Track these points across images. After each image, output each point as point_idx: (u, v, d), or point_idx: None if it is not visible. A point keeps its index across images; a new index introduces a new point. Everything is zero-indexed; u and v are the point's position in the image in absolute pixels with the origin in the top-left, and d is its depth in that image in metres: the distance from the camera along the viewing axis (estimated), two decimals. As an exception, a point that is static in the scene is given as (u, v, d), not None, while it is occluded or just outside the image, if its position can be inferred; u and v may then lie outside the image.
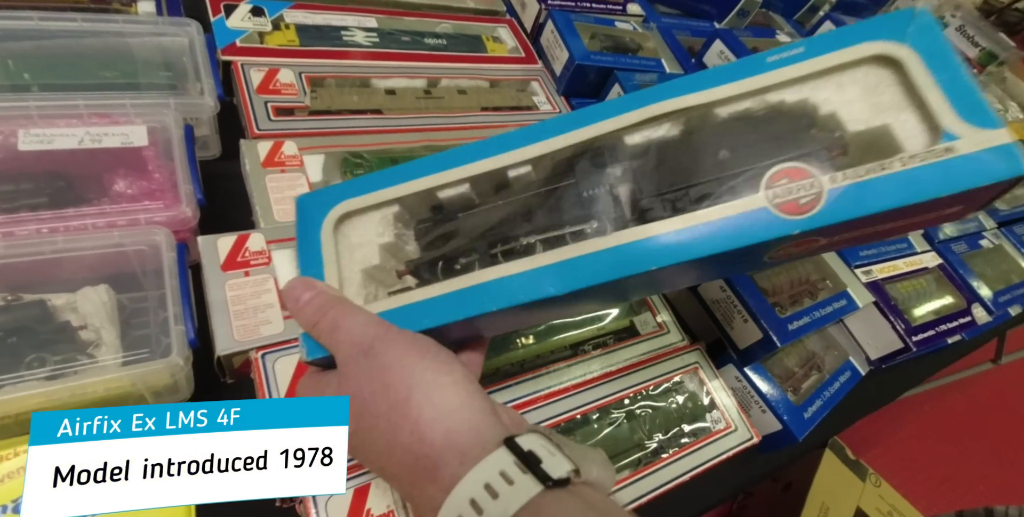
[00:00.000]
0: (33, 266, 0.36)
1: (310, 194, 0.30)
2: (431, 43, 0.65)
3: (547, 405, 0.44)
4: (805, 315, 0.54)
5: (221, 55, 0.52)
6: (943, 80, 0.24)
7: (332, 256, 0.30)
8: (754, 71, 0.26)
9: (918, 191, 0.23)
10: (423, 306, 0.28)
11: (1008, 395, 1.77)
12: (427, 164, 0.30)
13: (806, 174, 0.24)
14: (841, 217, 0.23)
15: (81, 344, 0.36)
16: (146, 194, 0.40)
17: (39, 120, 0.39)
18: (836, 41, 0.26)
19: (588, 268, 0.26)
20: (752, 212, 0.24)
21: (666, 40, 0.79)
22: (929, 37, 0.25)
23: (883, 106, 0.25)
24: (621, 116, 0.27)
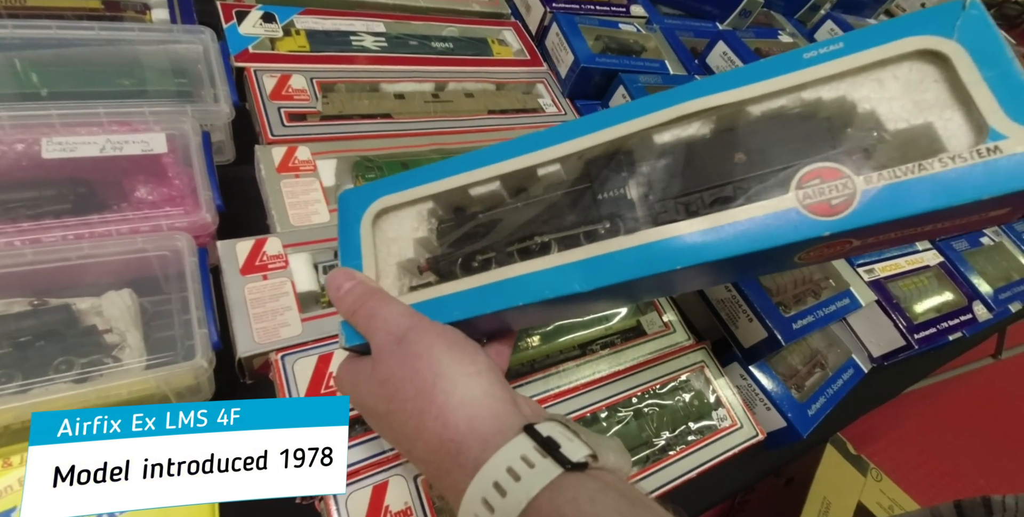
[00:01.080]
0: (58, 271, 0.37)
1: (352, 190, 0.32)
2: (438, 47, 0.66)
3: (557, 404, 0.45)
4: (809, 314, 0.55)
5: (234, 61, 0.53)
6: (991, 77, 0.23)
7: (370, 249, 0.32)
8: (790, 68, 0.26)
9: (959, 193, 0.22)
10: (453, 299, 0.29)
11: (1008, 390, 1.78)
12: (460, 162, 0.31)
13: (840, 174, 0.24)
14: (875, 219, 0.22)
15: (106, 347, 0.37)
16: (167, 200, 0.41)
17: (61, 128, 0.40)
18: (878, 36, 0.25)
19: (614, 266, 0.26)
20: (781, 212, 0.24)
21: (669, 41, 0.80)
22: (979, 31, 0.23)
23: (926, 104, 0.24)
24: (652, 114, 0.27)
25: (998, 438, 1.64)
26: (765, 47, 0.79)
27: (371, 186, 0.33)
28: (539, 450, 0.22)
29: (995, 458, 1.58)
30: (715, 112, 0.27)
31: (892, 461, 1.45)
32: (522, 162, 0.30)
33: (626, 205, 0.28)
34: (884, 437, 1.53)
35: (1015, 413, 1.73)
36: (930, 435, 1.58)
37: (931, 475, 1.50)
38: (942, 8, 0.24)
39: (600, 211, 0.29)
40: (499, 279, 0.28)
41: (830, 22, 0.98)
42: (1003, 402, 1.75)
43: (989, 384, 1.74)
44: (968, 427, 1.64)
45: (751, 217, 0.24)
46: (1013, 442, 1.65)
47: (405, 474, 0.37)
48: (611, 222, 0.28)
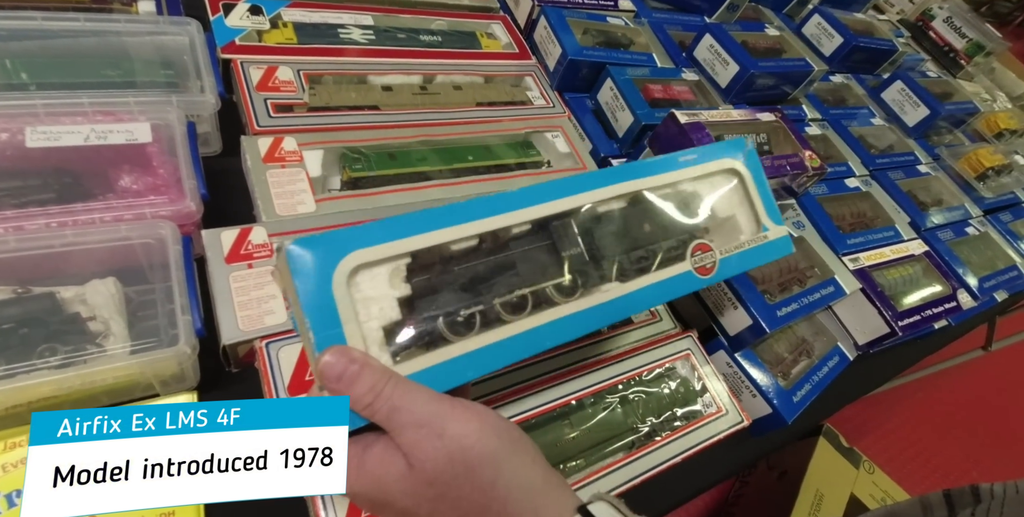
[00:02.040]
0: (42, 259, 0.37)
1: (304, 240, 0.27)
2: (426, 40, 0.66)
3: (543, 391, 0.45)
4: (794, 301, 0.55)
5: (221, 53, 0.53)
6: (761, 191, 0.42)
7: (350, 313, 0.27)
8: (672, 167, 0.39)
9: (755, 260, 0.41)
10: (461, 362, 0.29)
11: (999, 381, 1.79)
12: (433, 217, 0.30)
13: (709, 248, 0.39)
14: (725, 276, 0.40)
15: (90, 335, 0.37)
16: (151, 189, 0.41)
17: (45, 118, 0.40)
18: (712, 153, 0.41)
19: (595, 316, 0.34)
20: (683, 274, 0.38)
21: (657, 35, 0.81)
22: (753, 160, 0.42)
23: (733, 203, 0.42)
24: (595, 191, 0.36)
25: (990, 430, 1.65)
26: (752, 40, 0.79)
27: (327, 237, 0.27)
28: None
29: (987, 450, 1.59)
30: (630, 195, 0.38)
31: (885, 453, 1.46)
32: (497, 222, 0.32)
33: (588, 263, 0.36)
34: (877, 430, 1.54)
35: (1006, 405, 1.74)
36: (922, 427, 1.59)
37: (924, 467, 1.51)
38: (737, 141, 0.43)
39: (565, 266, 0.35)
40: (504, 337, 0.31)
41: (817, 16, 0.98)
42: (994, 394, 1.76)
43: (980, 376, 1.75)
44: (960, 419, 1.65)
45: (671, 276, 0.37)
46: (1004, 434, 1.66)
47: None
48: (575, 276, 0.35)
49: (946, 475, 1.49)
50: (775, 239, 0.42)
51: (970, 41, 1.26)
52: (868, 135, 0.92)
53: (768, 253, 0.42)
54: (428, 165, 0.56)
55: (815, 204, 0.70)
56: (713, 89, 0.76)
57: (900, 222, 0.75)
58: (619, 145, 0.68)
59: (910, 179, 0.86)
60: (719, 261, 0.39)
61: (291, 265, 0.26)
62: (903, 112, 0.97)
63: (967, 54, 1.26)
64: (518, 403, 0.44)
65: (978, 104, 1.02)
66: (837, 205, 0.74)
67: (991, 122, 1.09)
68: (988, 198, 0.90)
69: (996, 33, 1.27)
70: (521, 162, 0.62)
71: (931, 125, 0.95)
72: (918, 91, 0.95)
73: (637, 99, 0.66)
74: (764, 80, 0.75)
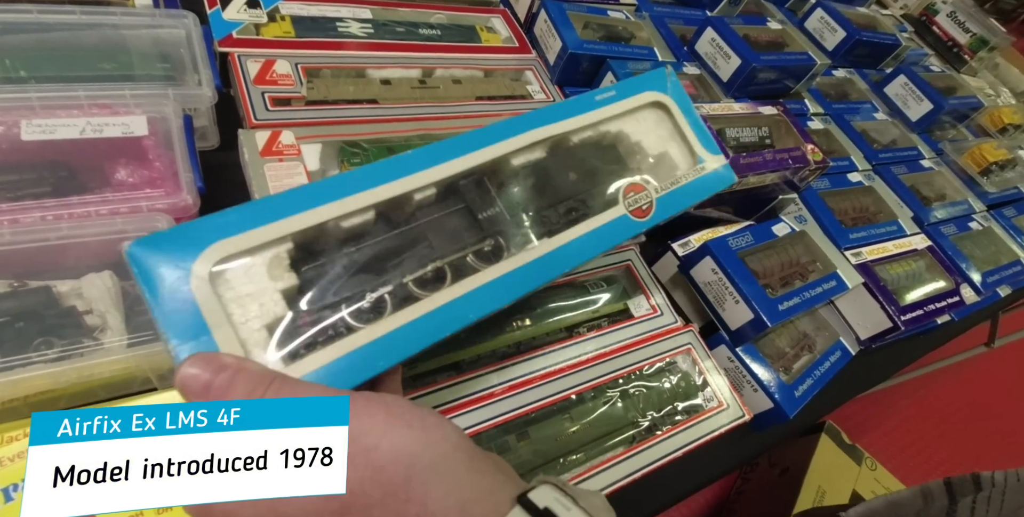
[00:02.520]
0: (38, 253, 0.37)
1: (146, 240, 0.22)
2: (425, 33, 0.66)
3: (542, 385, 0.45)
4: (795, 296, 0.55)
5: (218, 46, 0.52)
6: (691, 121, 0.39)
7: (218, 315, 0.23)
8: (589, 107, 0.36)
9: (696, 195, 0.38)
10: (369, 351, 0.25)
11: (1002, 378, 1.78)
12: (312, 192, 0.26)
13: (643, 188, 0.36)
14: (665, 216, 0.36)
15: (87, 328, 0.37)
16: (147, 182, 0.41)
17: (41, 111, 0.40)
18: (632, 88, 0.38)
19: (522, 278, 0.30)
20: (619, 218, 0.34)
21: (658, 29, 0.80)
22: (677, 89, 0.39)
23: (664, 138, 0.39)
24: (507, 141, 0.32)
25: (992, 427, 1.65)
26: (754, 34, 0.79)
27: (177, 231, 0.23)
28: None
29: (989, 447, 1.59)
30: (550, 140, 0.34)
31: (887, 450, 1.45)
32: (394, 189, 0.28)
33: (510, 222, 0.32)
34: (879, 426, 1.53)
35: (1009, 402, 1.74)
36: (925, 424, 1.58)
37: (926, 464, 1.50)
38: (658, 72, 0.39)
39: (485, 230, 0.31)
40: (417, 315, 0.27)
41: (820, 10, 0.97)
42: (997, 391, 1.75)
43: (983, 373, 1.74)
44: (962, 416, 1.64)
45: (604, 223, 0.34)
46: (1007, 431, 1.65)
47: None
48: (497, 239, 0.32)
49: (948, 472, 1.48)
50: (714, 170, 0.38)
51: (974, 36, 1.25)
52: (871, 130, 0.92)
53: (708, 186, 0.38)
54: (427, 159, 0.56)
55: (817, 198, 0.69)
56: (715, 83, 0.76)
57: (903, 217, 0.75)
58: (620, 139, 0.68)
59: (913, 174, 0.85)
60: (655, 200, 0.36)
61: (135, 268, 0.22)
62: (906, 107, 0.96)
63: (971, 49, 1.25)
64: (518, 397, 0.43)
65: (982, 99, 1.01)
66: (839, 199, 0.73)
67: (995, 117, 1.09)
68: (992, 193, 0.90)
69: (1000, 28, 1.26)
70: (521, 156, 0.62)
71: (934, 120, 0.95)
72: (921, 86, 0.94)
73: (638, 93, 0.66)
74: (766, 74, 0.75)
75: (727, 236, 0.57)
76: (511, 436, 0.42)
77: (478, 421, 0.41)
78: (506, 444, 0.42)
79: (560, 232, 0.32)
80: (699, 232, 0.61)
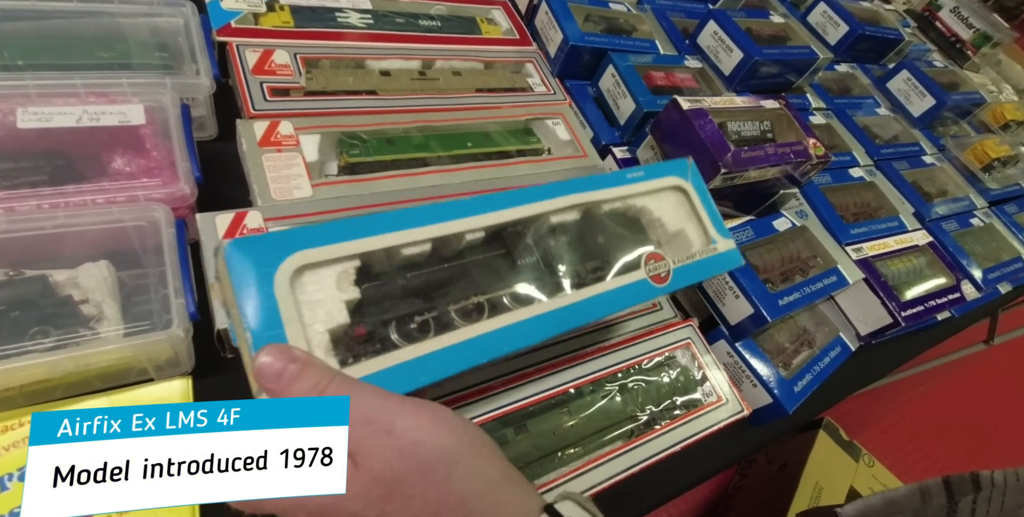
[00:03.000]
0: (34, 241, 0.36)
1: (242, 240, 0.26)
2: (425, 25, 0.65)
3: (541, 379, 0.45)
4: (796, 291, 0.55)
5: (216, 36, 0.52)
6: (707, 206, 0.43)
7: (292, 314, 0.26)
8: (620, 182, 0.40)
9: (708, 271, 0.41)
10: (414, 366, 0.28)
11: (1001, 376, 1.79)
12: (384, 221, 0.30)
13: (662, 258, 0.40)
14: (679, 286, 0.40)
15: (83, 318, 0.37)
16: (144, 172, 0.41)
17: (37, 99, 0.40)
18: (658, 171, 0.42)
19: (550, 322, 0.33)
20: (639, 282, 0.38)
21: (660, 21, 0.79)
22: (696, 177, 0.44)
23: (682, 218, 0.43)
24: (549, 201, 0.37)
25: (991, 425, 1.65)
26: (756, 27, 0.78)
27: (269, 238, 0.27)
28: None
29: (988, 445, 1.59)
30: (584, 206, 0.39)
31: (885, 447, 1.45)
32: (450, 228, 0.32)
33: (544, 271, 0.36)
34: (877, 423, 1.53)
35: (1007, 399, 1.74)
36: (923, 421, 1.59)
37: (923, 461, 1.50)
38: (680, 161, 0.44)
39: (521, 275, 0.36)
40: (456, 341, 0.30)
41: (823, 4, 0.97)
42: (995, 388, 1.75)
43: (982, 370, 1.74)
44: (961, 413, 1.64)
45: (625, 283, 0.37)
46: (1005, 428, 1.66)
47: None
48: (535, 284, 0.35)
49: (945, 469, 1.49)
50: (724, 251, 0.42)
51: (977, 31, 1.24)
52: (873, 125, 0.91)
53: (719, 264, 0.42)
54: (427, 151, 0.56)
55: (818, 193, 0.69)
56: (716, 77, 0.75)
57: (904, 213, 0.74)
58: (620, 133, 0.67)
59: (915, 170, 0.85)
60: (673, 270, 0.39)
61: (229, 263, 0.25)
62: (909, 102, 0.96)
63: (974, 45, 1.25)
64: (516, 391, 0.43)
65: (984, 95, 1.01)
66: (841, 195, 0.73)
67: (997, 113, 1.08)
68: (993, 190, 0.89)
69: (1004, 23, 1.25)
70: (521, 149, 0.62)
71: (937, 115, 0.94)
72: (924, 81, 0.94)
73: (639, 86, 0.65)
74: (768, 68, 0.74)
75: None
76: (509, 429, 0.42)
77: (476, 414, 0.41)
78: (504, 437, 0.42)
79: (587, 285, 0.36)
80: (699, 226, 0.61)
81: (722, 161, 0.53)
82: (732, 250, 0.43)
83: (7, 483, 0.32)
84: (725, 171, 0.53)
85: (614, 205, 0.41)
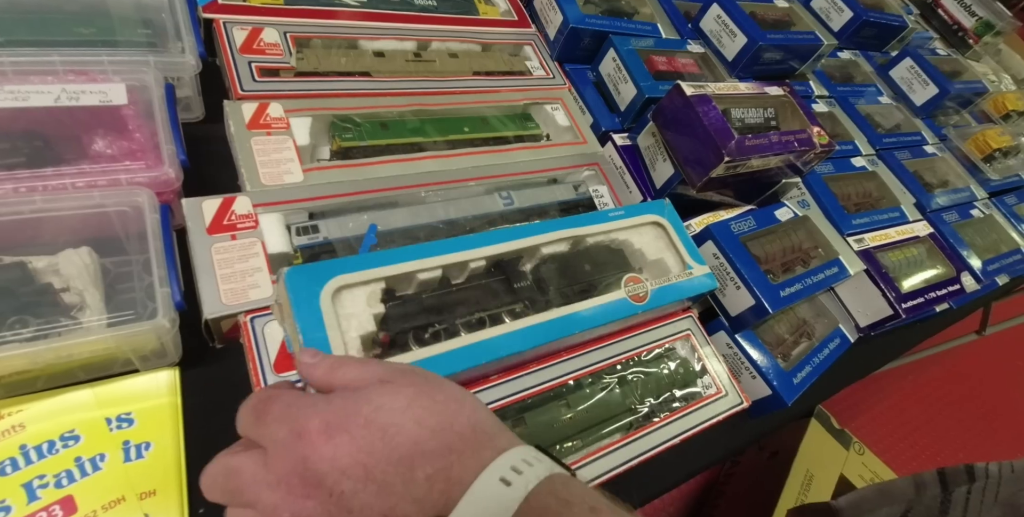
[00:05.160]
0: (11, 227, 0.35)
1: (296, 268, 0.34)
2: (421, 4, 0.63)
3: (540, 370, 0.44)
4: (797, 282, 0.54)
5: (202, 13, 0.50)
6: (683, 239, 0.51)
7: (333, 323, 0.34)
8: (604, 220, 0.48)
9: (684, 292, 0.48)
10: (426, 363, 0.35)
11: (992, 366, 1.80)
12: (404, 252, 0.38)
13: (641, 280, 0.47)
14: (658, 304, 0.46)
15: (64, 307, 0.35)
16: (127, 154, 0.39)
17: (13, 76, 0.38)
18: (637, 210, 0.51)
19: (541, 331, 0.41)
20: (620, 300, 0.45)
21: (662, 5, 0.77)
22: (673, 215, 0.52)
23: (661, 248, 0.51)
24: (542, 235, 0.44)
25: (980, 413, 1.67)
26: (760, 12, 0.77)
27: (317, 266, 0.35)
28: (544, 453, 0.26)
29: (977, 433, 1.61)
30: (572, 239, 0.46)
31: (875, 435, 1.47)
32: (456, 258, 0.40)
33: (536, 292, 0.44)
34: (868, 411, 1.55)
35: (998, 389, 1.76)
36: (913, 410, 1.60)
37: (913, 448, 1.52)
38: (658, 202, 0.53)
39: (517, 295, 0.44)
40: (460, 346, 0.37)
41: (827, -9, 0.95)
42: (986, 378, 1.77)
43: (973, 360, 1.76)
44: (951, 402, 1.66)
45: (607, 301, 0.45)
46: (995, 417, 1.67)
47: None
48: (528, 303, 0.44)
49: (934, 457, 1.51)
50: (699, 275, 0.50)
51: (979, 20, 1.23)
52: (875, 113, 0.90)
53: (695, 287, 0.49)
54: (422, 136, 0.54)
55: (820, 183, 0.68)
56: (719, 62, 0.74)
57: (906, 203, 0.74)
58: (620, 119, 0.66)
59: (916, 159, 0.84)
60: (651, 291, 0.46)
61: (288, 284, 0.33)
62: (911, 90, 0.95)
63: (976, 33, 1.23)
64: (514, 383, 0.42)
65: (986, 84, 1.00)
66: (843, 184, 0.72)
67: (998, 103, 1.07)
68: (994, 180, 0.89)
69: (1007, 12, 1.24)
70: (519, 135, 0.60)
71: (939, 104, 0.93)
72: (928, 69, 0.93)
73: (641, 71, 0.63)
74: (772, 54, 0.73)
75: (729, 220, 0.56)
76: (507, 422, 0.41)
77: (473, 406, 0.40)
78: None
79: (573, 302, 0.43)
80: (700, 215, 0.59)
81: (726, 149, 0.52)
82: (707, 274, 0.50)
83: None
84: (728, 159, 0.52)
85: (598, 238, 0.48)
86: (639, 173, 0.61)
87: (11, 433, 0.32)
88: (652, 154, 0.61)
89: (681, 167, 0.57)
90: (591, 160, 0.61)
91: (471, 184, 0.53)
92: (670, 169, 0.58)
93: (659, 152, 0.59)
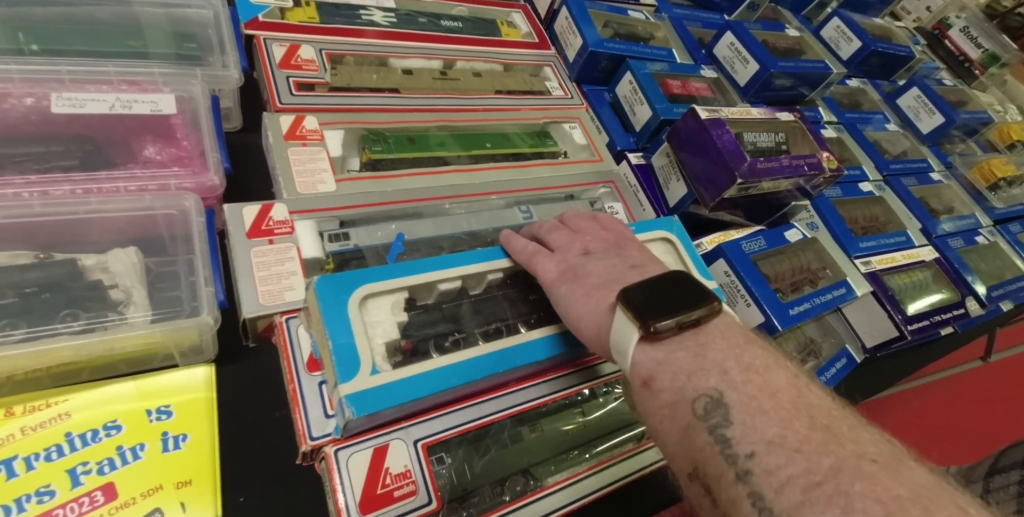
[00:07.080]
0: (65, 226, 0.37)
1: (326, 277, 0.36)
2: (447, 25, 0.66)
3: (553, 380, 0.45)
4: (805, 301, 0.55)
5: (244, 29, 0.53)
6: (691, 254, 0.52)
7: (360, 328, 0.36)
8: None
9: None
10: (446, 371, 0.37)
11: (997, 392, 1.80)
12: (425, 264, 0.40)
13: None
14: None
15: (111, 303, 0.37)
16: (174, 161, 0.41)
17: (70, 84, 0.40)
18: (648, 226, 0.53)
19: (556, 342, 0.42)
20: None
21: (677, 31, 0.80)
22: (682, 231, 0.53)
23: (670, 263, 0.50)
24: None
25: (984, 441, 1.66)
26: (772, 39, 0.79)
27: (345, 276, 0.37)
28: None
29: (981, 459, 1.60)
30: None
31: (877, 460, 1.46)
32: (476, 269, 0.42)
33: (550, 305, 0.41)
34: (870, 436, 1.54)
35: (1002, 415, 1.75)
36: (918, 435, 1.59)
37: (915, 475, 1.51)
38: (667, 219, 0.54)
39: (532, 307, 0.45)
40: (479, 355, 0.39)
41: (836, 19, 0.98)
42: (991, 404, 1.76)
43: (977, 386, 1.75)
44: (956, 428, 1.65)
45: None
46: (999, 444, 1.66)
47: (405, 438, 0.37)
48: (540, 314, 0.44)
49: (937, 483, 1.50)
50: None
51: (985, 51, 1.26)
52: (882, 140, 0.92)
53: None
54: (447, 150, 0.56)
55: (829, 206, 0.70)
56: (731, 87, 0.76)
57: (912, 228, 0.75)
58: (635, 139, 0.68)
59: (922, 186, 0.86)
60: None
61: (318, 292, 0.35)
62: (918, 119, 0.97)
63: (982, 64, 1.26)
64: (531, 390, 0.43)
65: (991, 114, 1.02)
66: (850, 208, 0.74)
67: (1004, 133, 1.10)
68: (999, 208, 0.91)
69: (1012, 44, 1.27)
70: (538, 152, 0.62)
71: (945, 133, 0.95)
72: (934, 98, 0.95)
73: (656, 93, 0.66)
74: (783, 80, 0.75)
75: (740, 240, 0.58)
76: (524, 427, 0.43)
77: (492, 411, 0.41)
78: (519, 435, 0.42)
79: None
80: (711, 234, 0.61)
81: (738, 171, 0.54)
82: (715, 290, 0.51)
83: (34, 463, 0.32)
84: (741, 181, 0.54)
85: None
86: (653, 191, 0.63)
87: (57, 420, 0.34)
88: (666, 173, 0.63)
89: (694, 187, 0.59)
90: (607, 177, 0.63)
91: (492, 197, 0.55)
92: (683, 188, 0.60)
93: (673, 172, 0.62)
